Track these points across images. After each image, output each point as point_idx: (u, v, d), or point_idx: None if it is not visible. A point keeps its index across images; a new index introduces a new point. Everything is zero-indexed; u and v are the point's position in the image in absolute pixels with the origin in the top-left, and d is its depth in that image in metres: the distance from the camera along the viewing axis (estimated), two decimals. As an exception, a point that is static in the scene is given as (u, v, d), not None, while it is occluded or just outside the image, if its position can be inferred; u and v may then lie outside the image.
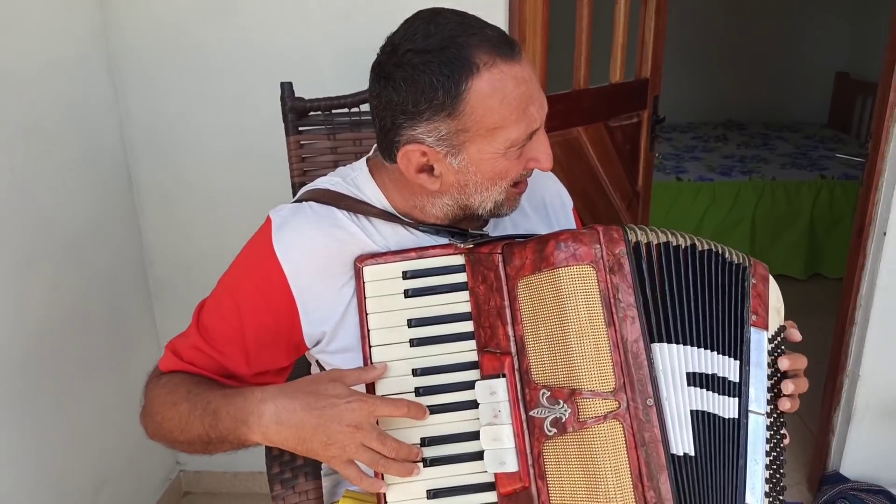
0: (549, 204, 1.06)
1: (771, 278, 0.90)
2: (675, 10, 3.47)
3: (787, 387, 0.84)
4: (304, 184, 1.33)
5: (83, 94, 1.60)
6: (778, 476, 0.84)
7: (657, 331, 0.78)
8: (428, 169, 0.85)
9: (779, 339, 0.89)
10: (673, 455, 0.75)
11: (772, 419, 0.85)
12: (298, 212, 0.90)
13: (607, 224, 0.82)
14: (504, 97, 0.78)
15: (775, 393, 0.86)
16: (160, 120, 1.73)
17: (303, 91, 1.31)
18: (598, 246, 0.78)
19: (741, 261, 0.87)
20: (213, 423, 0.81)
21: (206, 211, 1.80)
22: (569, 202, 1.09)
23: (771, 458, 0.83)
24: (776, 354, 0.87)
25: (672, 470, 0.74)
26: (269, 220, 0.91)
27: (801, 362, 0.88)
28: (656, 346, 0.78)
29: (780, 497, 0.84)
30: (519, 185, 0.89)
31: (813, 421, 2.14)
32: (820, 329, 2.24)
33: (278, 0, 1.65)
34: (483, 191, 0.86)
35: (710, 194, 3.37)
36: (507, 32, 0.83)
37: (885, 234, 1.74)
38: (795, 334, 0.91)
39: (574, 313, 0.76)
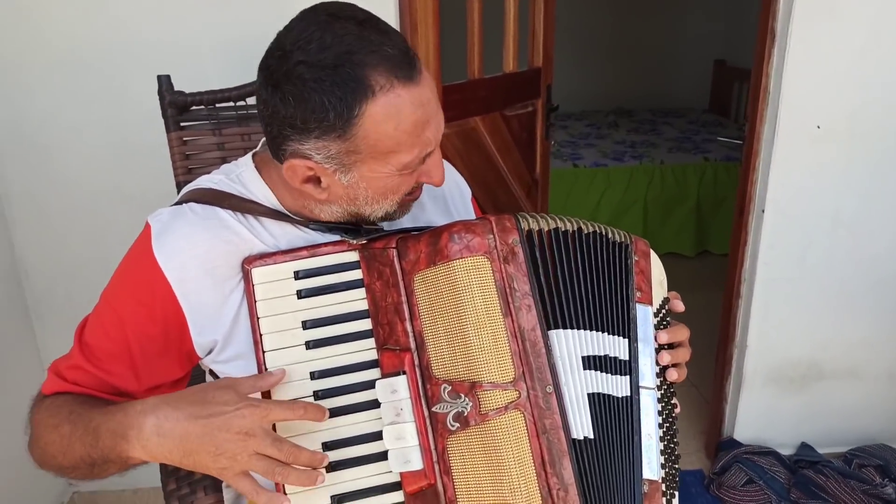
0: (447, 194, 1.04)
1: (652, 253, 0.91)
2: (564, 3, 3.56)
3: (663, 358, 0.86)
4: (189, 182, 1.27)
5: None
6: (672, 446, 0.87)
7: (552, 317, 0.79)
8: (314, 180, 0.82)
9: (664, 311, 0.91)
10: (574, 440, 0.76)
11: (662, 391, 0.87)
12: (179, 215, 0.85)
13: (509, 213, 0.81)
14: (399, 123, 0.75)
15: (663, 365, 0.88)
16: (26, 119, 1.59)
17: (185, 84, 1.24)
18: (492, 236, 0.77)
19: (623, 239, 0.88)
20: (94, 442, 0.75)
21: (84, 215, 1.68)
22: (467, 191, 1.09)
23: (664, 429, 0.85)
24: (662, 327, 0.89)
25: (574, 454, 0.75)
26: (147, 227, 0.85)
27: (682, 333, 0.90)
28: (553, 333, 0.78)
29: (676, 466, 0.87)
30: (413, 192, 0.87)
31: (708, 390, 2.26)
32: (710, 303, 2.37)
33: (153, -12, 1.55)
34: (374, 204, 0.84)
35: (605, 179, 3.48)
36: (407, 43, 0.78)
37: (763, 211, 1.85)
38: (679, 305, 0.93)
39: (471, 305, 0.75)
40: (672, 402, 0.89)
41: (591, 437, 0.77)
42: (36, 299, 1.73)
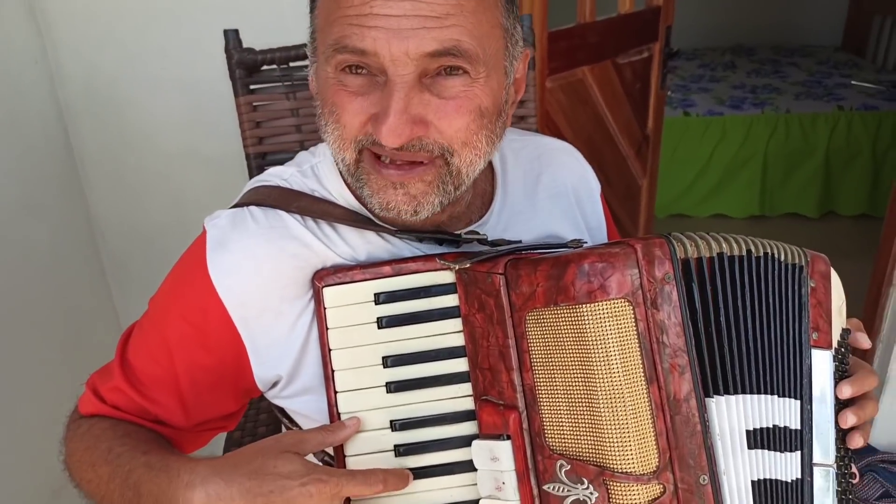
0: (573, 191, 0.85)
1: (833, 273, 0.70)
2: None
3: (846, 419, 0.66)
4: (259, 154, 1.12)
5: (1, 45, 1.34)
6: None
7: (713, 380, 0.59)
8: None
9: (843, 349, 0.70)
10: (733, 545, 0.57)
11: (841, 464, 0.67)
12: (238, 223, 0.70)
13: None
14: None
15: (842, 430, 0.67)
16: (98, 74, 1.48)
17: (262, 39, 1.08)
18: (636, 271, 0.57)
19: (796, 259, 0.67)
20: (135, 500, 0.63)
21: (160, 178, 1.57)
22: (596, 187, 0.88)
23: None
24: (841, 373, 0.68)
25: (733, 565, 0.57)
26: (203, 233, 0.70)
27: (869, 381, 0.69)
28: (712, 403, 0.59)
29: None
30: (382, 163, 0.63)
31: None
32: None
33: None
34: (327, 128, 0.64)
35: (719, 130, 3.13)
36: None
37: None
38: (863, 340, 0.72)
39: (603, 366, 0.56)
40: (851, 472, 0.68)
41: (755, 538, 0.59)
42: (113, 263, 1.67)
